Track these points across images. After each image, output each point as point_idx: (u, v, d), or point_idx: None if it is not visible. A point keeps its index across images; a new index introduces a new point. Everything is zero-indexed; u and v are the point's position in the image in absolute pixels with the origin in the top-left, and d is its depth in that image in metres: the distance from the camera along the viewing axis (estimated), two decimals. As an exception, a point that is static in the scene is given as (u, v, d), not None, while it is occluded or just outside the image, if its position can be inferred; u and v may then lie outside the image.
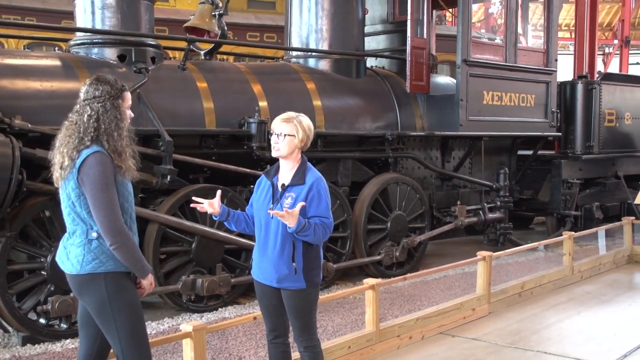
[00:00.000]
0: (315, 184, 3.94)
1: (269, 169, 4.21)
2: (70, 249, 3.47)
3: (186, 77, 7.40)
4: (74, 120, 3.46)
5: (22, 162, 5.64)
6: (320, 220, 3.89)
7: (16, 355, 5.55)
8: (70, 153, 3.38)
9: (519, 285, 7.56)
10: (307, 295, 3.99)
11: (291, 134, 3.97)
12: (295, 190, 3.96)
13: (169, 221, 6.67)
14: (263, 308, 4.18)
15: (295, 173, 4.02)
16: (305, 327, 4.04)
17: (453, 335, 6.25)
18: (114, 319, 3.43)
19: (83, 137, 3.40)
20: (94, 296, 3.43)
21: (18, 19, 11.34)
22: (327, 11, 8.80)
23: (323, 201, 3.93)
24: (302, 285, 3.95)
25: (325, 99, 8.33)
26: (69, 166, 3.37)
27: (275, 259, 3.97)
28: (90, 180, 3.34)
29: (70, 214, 3.45)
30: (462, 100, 9.11)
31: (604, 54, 40.38)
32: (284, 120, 4.02)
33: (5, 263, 5.81)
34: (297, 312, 4.01)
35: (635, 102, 12.45)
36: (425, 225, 9.06)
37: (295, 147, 4.01)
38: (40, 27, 9.70)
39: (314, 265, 4.01)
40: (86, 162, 3.36)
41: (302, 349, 4.09)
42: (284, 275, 3.94)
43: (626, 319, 6.93)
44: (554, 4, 10.52)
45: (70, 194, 3.41)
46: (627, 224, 10.00)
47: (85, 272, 3.41)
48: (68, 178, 3.39)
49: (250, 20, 14.09)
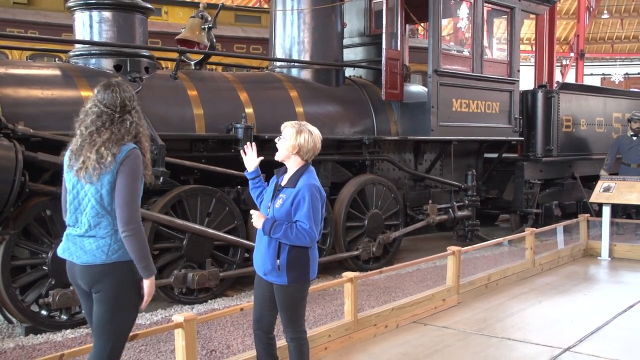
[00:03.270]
0: (302, 190, 3.88)
1: (280, 168, 4.18)
2: (87, 241, 3.38)
3: (178, 85, 7.36)
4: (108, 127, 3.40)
5: (25, 164, 5.60)
6: (299, 224, 3.85)
7: (20, 345, 5.51)
8: (112, 149, 3.34)
9: (486, 277, 7.58)
10: (291, 291, 3.96)
11: (284, 137, 3.99)
12: (287, 193, 3.94)
13: (162, 219, 6.63)
14: (255, 297, 4.16)
15: (292, 176, 4.00)
16: (290, 319, 4.03)
17: (425, 324, 6.25)
18: (119, 310, 3.38)
19: (124, 137, 3.41)
20: (110, 285, 3.36)
21: (21, 32, 11.21)
22: (308, 25, 8.78)
23: (305, 208, 3.85)
24: (284, 281, 3.93)
25: (307, 105, 8.32)
26: (112, 162, 3.33)
27: (264, 253, 3.96)
28: (127, 170, 3.34)
29: (94, 207, 3.36)
30: (433, 107, 9.14)
31: (561, 66, 40.71)
32: (288, 125, 4.04)
33: (9, 259, 5.78)
34: (282, 305, 4.00)
35: (590, 110, 12.56)
36: (400, 223, 9.07)
37: (287, 151, 3.99)
38: (41, 39, 9.61)
39: (299, 263, 3.93)
40: (128, 155, 3.36)
41: (288, 339, 4.07)
42: (269, 269, 3.93)
43: (582, 307, 6.98)
44: (516, 20, 10.57)
45: (103, 187, 3.34)
46: (583, 220, 10.08)
47: (111, 261, 3.35)
48: (106, 172, 3.34)
49: (238, 33, 14.03)
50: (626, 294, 7.55)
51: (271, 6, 9.14)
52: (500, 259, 9.41)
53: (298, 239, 3.85)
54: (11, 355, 5.26)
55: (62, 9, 11.41)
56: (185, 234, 6.81)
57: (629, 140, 11.80)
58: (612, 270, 9.13)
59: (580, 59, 31.19)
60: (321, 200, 3.96)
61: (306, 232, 3.83)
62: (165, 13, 13.74)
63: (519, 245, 9.88)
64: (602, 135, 12.80)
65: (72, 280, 3.52)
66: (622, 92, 15.82)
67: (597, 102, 12.82)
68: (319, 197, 3.93)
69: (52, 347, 5.43)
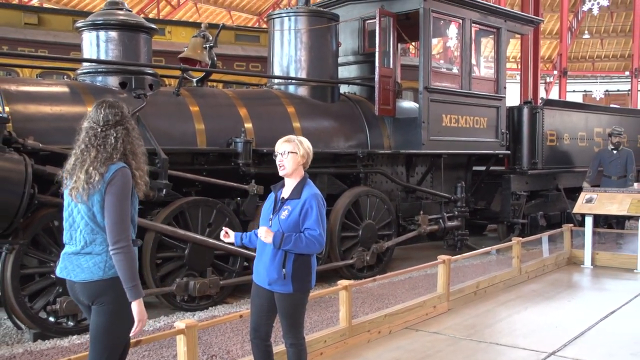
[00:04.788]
0: (309, 199, 3.91)
1: (277, 184, 4.18)
2: (84, 258, 3.34)
3: (180, 102, 7.36)
4: (94, 144, 3.36)
5: (34, 177, 5.60)
6: (308, 232, 3.85)
7: (28, 350, 5.48)
8: (99, 169, 3.30)
9: (475, 284, 7.57)
10: (295, 299, 3.96)
11: (293, 151, 3.99)
12: (292, 204, 3.95)
13: (165, 230, 6.62)
14: (253, 306, 4.14)
15: (294, 188, 4.00)
16: (292, 326, 4.01)
17: (417, 330, 6.23)
18: (116, 322, 3.34)
19: (112, 156, 3.35)
20: (111, 298, 3.31)
21: (32, 51, 11.23)
22: (305, 44, 8.81)
23: (314, 215, 3.87)
24: (289, 289, 3.92)
25: (304, 121, 8.32)
26: (99, 181, 3.29)
27: (268, 264, 3.94)
28: (113, 190, 3.28)
29: (88, 225, 3.33)
30: (424, 122, 9.15)
31: (545, 83, 40.94)
32: (285, 141, 4.05)
33: (18, 267, 5.76)
34: (285, 312, 3.99)
35: (572, 125, 12.59)
36: (392, 233, 9.05)
37: (298, 163, 4.01)
38: (51, 58, 9.61)
39: (303, 272, 3.95)
40: (114, 176, 3.31)
41: (288, 345, 4.06)
42: (274, 279, 3.92)
43: (566, 313, 6.96)
44: (502, 39, 10.62)
45: (94, 206, 3.31)
46: (567, 230, 10.08)
47: (108, 277, 3.30)
48: (95, 192, 3.30)
49: (237, 52, 14.06)
50: (608, 300, 7.54)
51: (269, 26, 9.16)
52: (489, 267, 9.40)
53: (308, 247, 3.86)
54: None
55: (71, 29, 11.45)
56: (187, 243, 6.79)
57: (610, 153, 11.85)
58: (594, 277, 9.12)
59: (563, 76, 31.36)
60: (325, 207, 4.02)
61: (316, 238, 3.85)
62: (168, 33, 13.78)
63: (506, 254, 9.86)
64: (584, 149, 12.83)
65: (73, 297, 3.48)
66: (603, 108, 15.88)
67: (579, 117, 12.86)
68: (324, 204, 4.00)
69: (59, 352, 5.40)
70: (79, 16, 11.95)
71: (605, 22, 45.71)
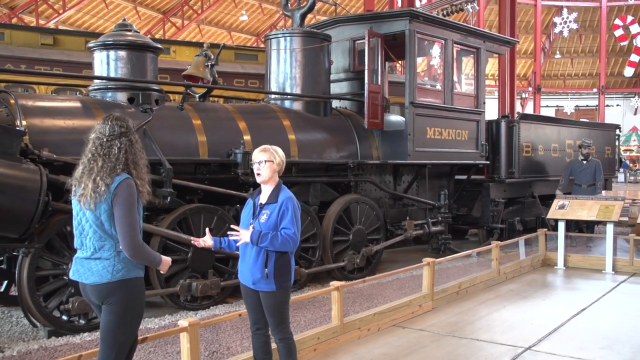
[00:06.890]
0: (285, 201, 3.94)
1: (253, 192, 4.21)
2: (94, 262, 3.37)
3: (184, 115, 7.35)
4: (100, 153, 3.37)
5: (48, 186, 5.59)
6: (284, 231, 3.86)
7: (43, 346, 5.46)
8: (105, 180, 3.31)
9: (457, 285, 7.57)
10: (278, 296, 3.96)
11: (269, 160, 4.02)
12: (270, 208, 3.97)
13: (169, 234, 6.59)
14: (247, 305, 4.15)
15: (271, 194, 4.03)
16: (279, 322, 4.01)
17: (404, 327, 6.22)
18: (124, 321, 3.36)
19: (115, 166, 3.36)
20: (119, 299, 3.34)
21: (47, 69, 11.22)
22: (299, 62, 8.82)
23: (289, 215, 3.90)
24: (272, 288, 3.93)
25: (299, 133, 8.32)
26: (105, 191, 3.30)
27: (252, 264, 3.96)
28: (120, 201, 3.29)
29: (96, 232, 3.35)
30: (410, 135, 9.17)
31: (521, 99, 41.12)
32: (261, 151, 4.08)
33: (34, 270, 5.74)
34: (271, 310, 3.98)
35: (546, 137, 12.64)
36: (381, 237, 9.05)
37: (274, 171, 4.05)
38: (64, 75, 9.59)
39: (284, 271, 3.96)
40: (119, 187, 3.31)
41: (277, 340, 4.05)
42: (258, 278, 3.93)
43: (541, 310, 6.97)
44: (481, 59, 10.66)
45: (101, 214, 3.32)
46: (542, 234, 10.11)
47: (116, 279, 3.33)
48: (102, 201, 3.31)
49: (237, 69, 14.07)
50: (579, 298, 7.56)
51: (267, 46, 9.17)
52: (470, 268, 9.39)
53: (284, 245, 3.86)
54: (35, 355, 5.22)
55: (84, 49, 11.45)
56: (190, 247, 6.76)
57: (580, 164, 11.91)
58: (567, 278, 9.14)
59: (537, 92, 31.55)
60: (299, 210, 4.05)
61: (290, 237, 3.86)
62: (173, 52, 13.79)
63: (486, 257, 9.87)
64: (557, 159, 12.88)
65: (85, 297, 3.51)
66: (574, 122, 15.95)
67: (552, 130, 12.92)
68: (298, 207, 4.03)
69: (72, 349, 5.37)
70: (91, 37, 11.94)
71: (575, 43, 46.05)
